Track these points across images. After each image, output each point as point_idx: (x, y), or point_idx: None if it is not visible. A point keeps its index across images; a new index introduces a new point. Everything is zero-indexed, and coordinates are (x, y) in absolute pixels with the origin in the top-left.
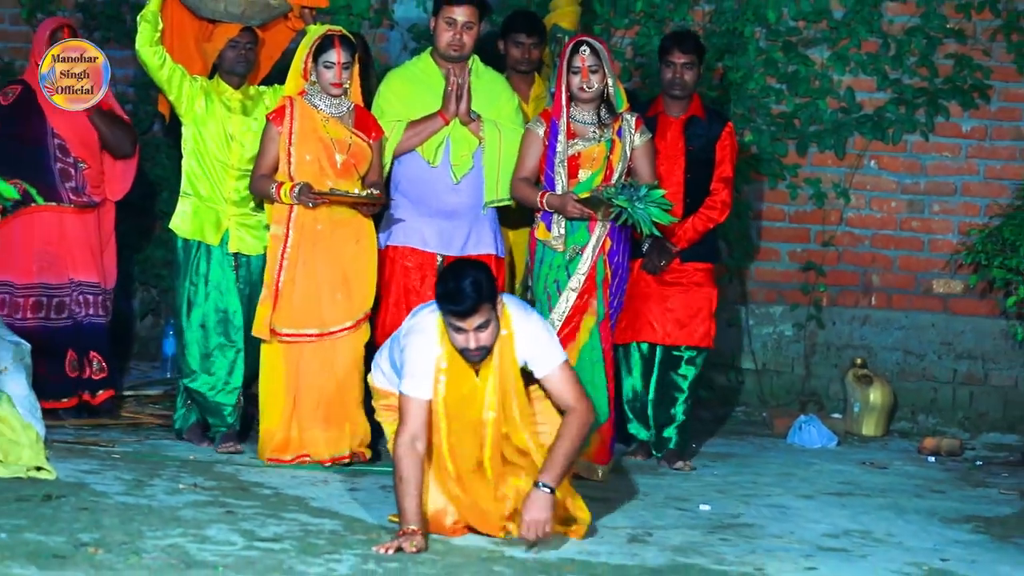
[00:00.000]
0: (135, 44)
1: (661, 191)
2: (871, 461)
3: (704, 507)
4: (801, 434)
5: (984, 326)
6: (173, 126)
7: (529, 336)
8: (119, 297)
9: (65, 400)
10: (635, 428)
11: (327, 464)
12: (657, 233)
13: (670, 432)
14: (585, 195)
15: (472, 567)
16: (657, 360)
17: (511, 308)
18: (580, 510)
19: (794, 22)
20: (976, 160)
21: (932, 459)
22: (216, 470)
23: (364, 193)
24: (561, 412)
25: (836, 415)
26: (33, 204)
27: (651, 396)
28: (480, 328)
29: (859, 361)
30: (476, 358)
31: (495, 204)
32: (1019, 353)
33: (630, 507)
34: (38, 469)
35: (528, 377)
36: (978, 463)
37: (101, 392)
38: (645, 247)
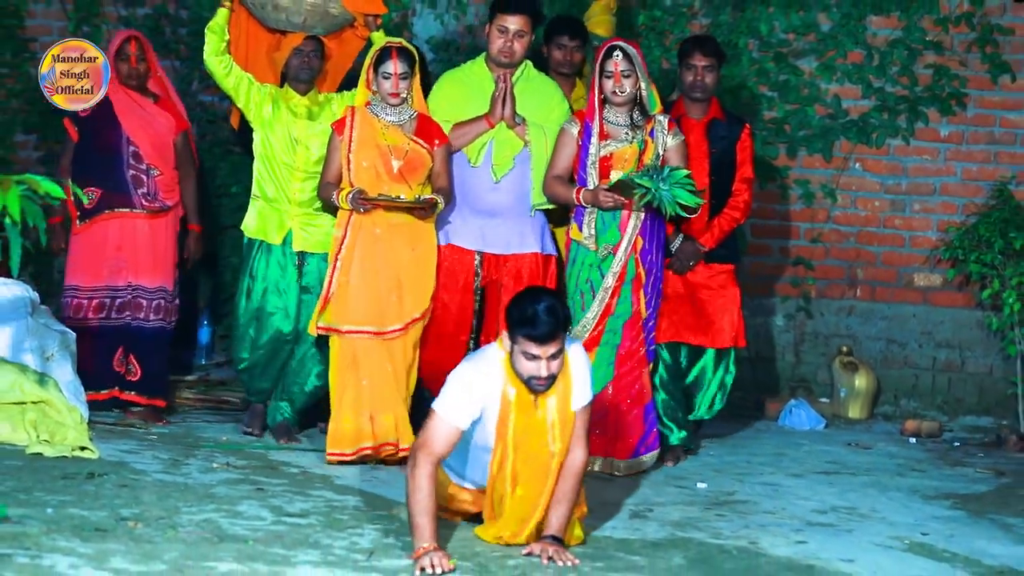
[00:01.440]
0: (202, 55)
1: (685, 171)
2: (856, 442)
3: (701, 485)
4: (792, 417)
5: (961, 317)
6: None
7: (581, 371)
8: None
9: (104, 392)
10: (666, 431)
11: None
12: (682, 213)
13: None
14: (615, 184)
15: (484, 542)
16: (684, 360)
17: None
18: (575, 536)
19: (785, 35)
20: (954, 163)
21: (913, 440)
22: (247, 450)
23: (412, 198)
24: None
25: (824, 399)
26: (105, 209)
27: (680, 397)
28: (553, 357)
29: (845, 349)
30: (543, 387)
31: (542, 207)
32: (994, 342)
33: (632, 485)
34: (82, 449)
35: None
36: (956, 444)
37: (130, 392)
38: (674, 248)
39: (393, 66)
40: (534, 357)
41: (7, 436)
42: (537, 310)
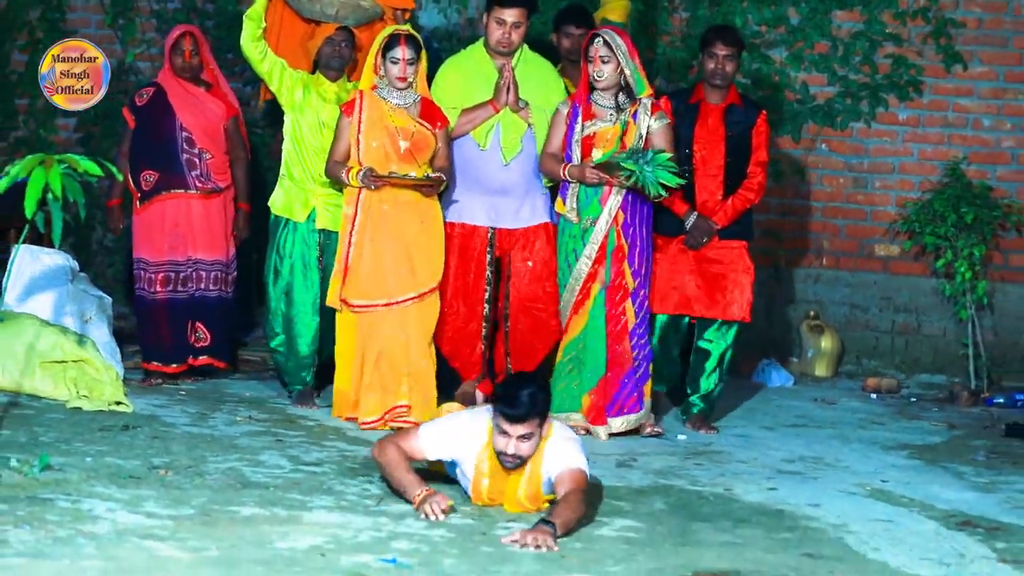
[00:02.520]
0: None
1: (667, 155)
2: (822, 398)
3: (681, 437)
4: (763, 375)
5: (918, 284)
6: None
7: (558, 452)
8: None
9: (174, 366)
10: (656, 385)
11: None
12: (664, 194)
13: (695, 399)
14: (601, 162)
15: None
16: (694, 331)
17: (555, 427)
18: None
19: (757, 27)
20: (911, 144)
21: (874, 396)
22: (268, 405)
23: (421, 176)
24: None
25: (793, 359)
26: (162, 190)
27: (690, 365)
28: (523, 438)
29: (812, 313)
30: (510, 464)
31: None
32: (947, 307)
33: (617, 437)
34: (117, 403)
35: None
36: (912, 400)
37: (202, 357)
38: (688, 225)
39: (401, 52)
40: (505, 433)
41: (49, 392)
42: (519, 392)
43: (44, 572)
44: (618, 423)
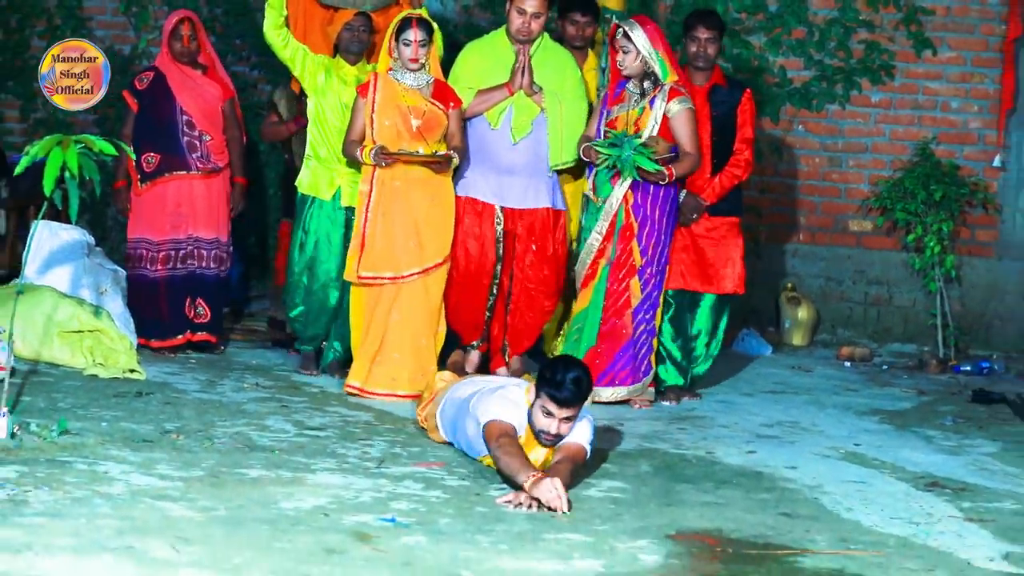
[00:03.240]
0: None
1: (640, 139)
2: (799, 366)
3: (665, 403)
4: (743, 344)
5: (889, 258)
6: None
7: (574, 427)
8: None
9: (180, 337)
10: (664, 373)
11: (400, 398)
12: (637, 177)
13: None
14: (596, 143)
15: None
16: (686, 306)
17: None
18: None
19: (737, 14)
20: (883, 125)
21: (848, 364)
22: (273, 373)
23: (430, 152)
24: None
25: (771, 329)
26: (165, 172)
27: (691, 341)
28: (566, 419)
29: (789, 285)
30: (548, 442)
31: (559, 167)
32: (917, 280)
33: (607, 404)
34: (131, 371)
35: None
36: (884, 367)
37: (200, 333)
38: (679, 202)
39: (413, 34)
40: (549, 414)
41: (67, 360)
42: (567, 377)
43: (62, 531)
44: (608, 393)
